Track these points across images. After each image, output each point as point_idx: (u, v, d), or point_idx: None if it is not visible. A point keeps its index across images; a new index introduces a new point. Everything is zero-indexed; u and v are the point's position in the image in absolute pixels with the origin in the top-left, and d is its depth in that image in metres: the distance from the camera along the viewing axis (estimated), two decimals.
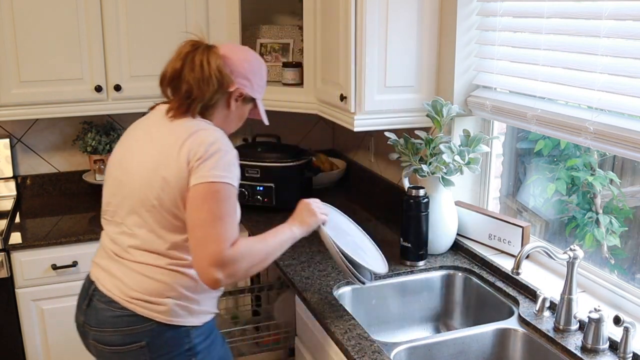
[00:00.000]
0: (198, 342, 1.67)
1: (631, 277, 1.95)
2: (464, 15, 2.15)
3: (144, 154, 1.65)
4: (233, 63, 1.69)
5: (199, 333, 1.67)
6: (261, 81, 1.78)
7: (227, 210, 1.58)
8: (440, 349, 1.72)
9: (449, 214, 2.16)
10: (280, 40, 2.87)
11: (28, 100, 2.56)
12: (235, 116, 1.76)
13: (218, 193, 1.55)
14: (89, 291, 1.73)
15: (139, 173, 1.63)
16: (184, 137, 1.59)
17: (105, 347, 1.67)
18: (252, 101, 1.77)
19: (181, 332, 1.64)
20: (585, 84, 1.72)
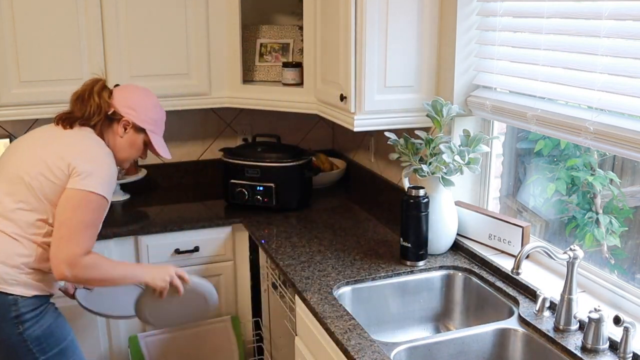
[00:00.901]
0: (25, 312, 1.77)
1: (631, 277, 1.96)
2: (464, 15, 2.15)
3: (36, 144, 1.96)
4: (119, 94, 2.05)
5: (27, 303, 1.80)
6: (151, 113, 2.09)
7: (94, 220, 1.89)
8: (440, 349, 1.72)
9: (449, 214, 2.16)
10: (280, 40, 2.87)
11: (28, 100, 2.55)
12: (126, 142, 2.05)
13: (91, 203, 1.86)
14: None
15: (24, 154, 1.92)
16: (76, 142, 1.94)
17: None
18: (143, 132, 2.07)
19: (9, 299, 1.77)
20: (585, 84, 1.72)
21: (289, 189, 2.71)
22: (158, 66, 2.69)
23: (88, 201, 1.85)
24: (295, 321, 2.10)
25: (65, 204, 1.85)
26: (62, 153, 1.88)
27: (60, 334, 1.88)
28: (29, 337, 1.80)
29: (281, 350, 2.58)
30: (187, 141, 3.16)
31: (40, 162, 1.87)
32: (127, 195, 2.92)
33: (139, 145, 2.09)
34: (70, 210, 1.84)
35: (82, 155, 1.90)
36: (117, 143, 2.04)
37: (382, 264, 2.14)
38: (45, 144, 1.95)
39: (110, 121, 2.02)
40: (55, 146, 1.92)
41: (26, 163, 1.89)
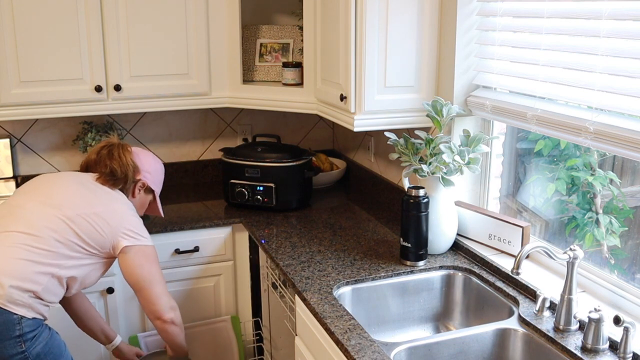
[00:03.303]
0: (27, 331, 1.82)
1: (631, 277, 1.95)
2: (464, 15, 2.15)
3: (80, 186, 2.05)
4: (139, 159, 2.21)
5: (28, 324, 1.83)
6: (159, 177, 2.30)
7: (158, 272, 2.09)
8: (440, 349, 1.72)
9: (449, 214, 2.16)
10: (280, 40, 2.87)
11: (28, 100, 2.55)
12: (139, 203, 2.23)
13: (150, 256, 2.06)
14: None
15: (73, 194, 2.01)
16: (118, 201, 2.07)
17: None
18: (151, 192, 2.26)
19: (14, 318, 1.80)
20: (585, 84, 1.72)
21: (289, 189, 2.71)
22: (158, 66, 2.69)
23: (146, 255, 2.04)
24: (295, 321, 2.10)
25: (135, 263, 2.01)
26: (111, 212, 2.00)
27: (58, 350, 1.93)
28: (30, 355, 1.84)
29: (281, 350, 2.58)
30: (187, 141, 3.16)
31: (87, 206, 1.97)
32: None
33: (146, 204, 2.27)
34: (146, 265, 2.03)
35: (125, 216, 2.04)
36: (132, 203, 2.16)
37: (382, 264, 2.14)
38: (94, 192, 2.05)
39: (131, 185, 2.18)
40: (106, 201, 2.04)
41: (73, 201, 1.97)
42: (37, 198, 1.99)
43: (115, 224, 1.98)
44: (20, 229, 1.88)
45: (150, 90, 2.70)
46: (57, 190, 2.02)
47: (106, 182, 2.08)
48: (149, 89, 2.70)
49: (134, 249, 2.00)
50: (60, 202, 1.96)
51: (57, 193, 2.00)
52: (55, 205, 1.94)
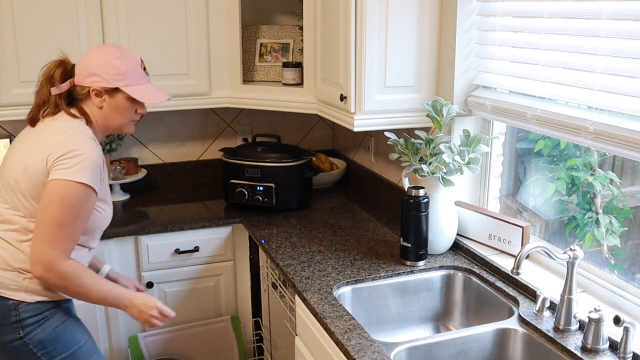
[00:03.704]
0: (25, 317, 1.73)
1: (631, 277, 1.95)
2: (464, 15, 2.15)
3: (18, 146, 1.88)
4: (78, 67, 1.87)
5: (28, 309, 1.74)
6: (113, 69, 1.85)
7: (75, 216, 1.74)
8: (440, 349, 1.72)
9: (448, 214, 2.16)
10: (280, 40, 2.87)
11: (28, 100, 2.53)
12: (110, 110, 1.88)
13: (71, 194, 1.72)
14: None
15: (8, 158, 1.86)
16: (51, 132, 1.81)
17: None
18: (117, 91, 1.86)
19: (9, 304, 1.73)
20: (585, 84, 1.72)
21: (289, 189, 2.71)
22: (158, 66, 2.68)
23: (66, 194, 1.71)
24: (295, 321, 2.10)
25: (44, 199, 1.73)
26: (40, 147, 1.78)
27: (70, 338, 1.82)
28: (31, 341, 1.75)
29: (281, 350, 2.58)
30: (187, 141, 3.16)
31: (20, 164, 1.80)
32: (127, 195, 2.92)
33: (125, 105, 1.89)
34: (47, 205, 1.72)
35: (59, 144, 1.76)
36: (103, 114, 1.88)
37: (382, 264, 2.14)
38: (25, 142, 1.87)
39: (84, 97, 1.87)
40: (34, 143, 1.82)
41: (11, 167, 1.82)
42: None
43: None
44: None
45: None
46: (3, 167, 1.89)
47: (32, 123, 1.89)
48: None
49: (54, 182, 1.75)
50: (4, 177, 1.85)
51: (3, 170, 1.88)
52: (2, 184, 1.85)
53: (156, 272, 2.58)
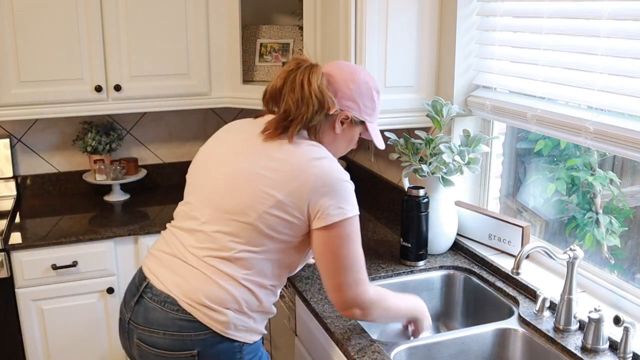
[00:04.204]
0: (248, 359, 1.61)
1: (631, 277, 1.95)
2: (464, 15, 2.15)
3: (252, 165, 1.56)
4: (337, 83, 1.62)
5: (249, 350, 1.60)
6: (370, 103, 1.68)
7: (360, 248, 1.58)
8: (440, 349, 1.72)
9: (448, 214, 2.16)
10: (280, 40, 2.87)
11: (28, 100, 2.56)
12: (343, 139, 1.70)
13: (350, 235, 1.54)
14: (139, 287, 1.61)
15: (244, 184, 1.55)
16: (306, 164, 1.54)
17: (150, 349, 1.56)
18: (361, 124, 1.69)
19: (235, 346, 1.57)
20: (585, 84, 1.72)
21: None
22: (158, 66, 2.69)
23: (347, 232, 1.54)
24: (295, 321, 2.10)
25: (324, 249, 1.55)
26: (298, 184, 1.52)
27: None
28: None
29: (281, 350, 2.57)
30: (187, 141, 3.16)
31: (268, 197, 1.52)
32: (127, 195, 2.92)
33: (356, 139, 1.74)
34: (334, 253, 1.54)
35: (319, 183, 1.52)
36: (335, 141, 1.68)
37: (382, 264, 2.14)
38: (266, 167, 1.55)
39: (326, 116, 1.62)
40: (284, 174, 1.53)
41: (248, 195, 1.54)
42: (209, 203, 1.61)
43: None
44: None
45: (150, 90, 2.70)
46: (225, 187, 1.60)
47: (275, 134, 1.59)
48: (149, 89, 2.70)
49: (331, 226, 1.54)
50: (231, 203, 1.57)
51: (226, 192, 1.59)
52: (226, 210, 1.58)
53: None
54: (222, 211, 1.56)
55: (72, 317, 2.50)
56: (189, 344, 1.53)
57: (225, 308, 1.54)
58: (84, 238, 2.46)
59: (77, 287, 2.49)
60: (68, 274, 2.46)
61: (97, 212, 2.75)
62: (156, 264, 1.63)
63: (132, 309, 1.61)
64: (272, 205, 1.52)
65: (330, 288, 1.59)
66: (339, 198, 1.53)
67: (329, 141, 1.66)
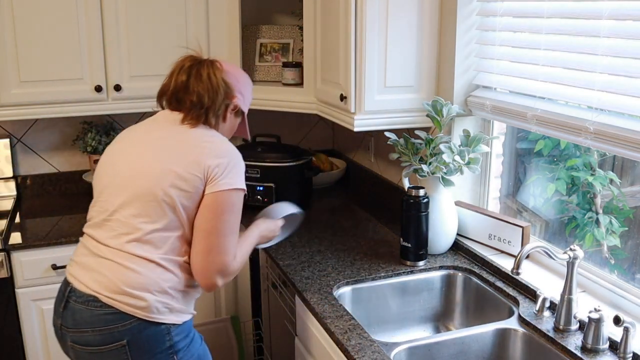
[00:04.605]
0: (178, 340, 1.67)
1: (631, 277, 1.95)
2: (464, 15, 2.15)
3: (157, 151, 1.70)
4: (232, 75, 1.81)
5: (178, 331, 1.68)
6: (250, 96, 1.91)
7: (238, 222, 1.71)
8: (440, 349, 1.72)
9: (449, 214, 2.16)
10: (280, 40, 2.87)
11: (28, 100, 2.56)
12: (228, 128, 1.87)
13: (234, 205, 1.68)
14: (65, 293, 1.70)
15: (149, 166, 1.67)
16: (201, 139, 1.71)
17: (84, 348, 1.65)
18: (241, 115, 1.89)
19: (161, 329, 1.64)
20: (585, 84, 1.72)
21: (289, 189, 2.70)
22: (158, 66, 2.68)
23: (232, 202, 1.68)
24: (295, 321, 2.10)
25: (208, 212, 1.66)
26: (194, 156, 1.66)
27: (204, 354, 1.79)
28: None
29: (281, 350, 2.57)
30: None
31: (169, 173, 1.65)
32: None
33: (234, 129, 1.91)
34: (216, 216, 1.66)
35: (214, 153, 1.68)
36: (223, 128, 1.83)
37: (382, 264, 2.14)
38: (167, 147, 1.70)
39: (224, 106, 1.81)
40: (182, 149, 1.69)
41: (152, 175, 1.66)
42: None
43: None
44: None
45: (150, 90, 2.68)
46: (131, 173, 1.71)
47: (196, 122, 1.74)
48: (149, 89, 2.68)
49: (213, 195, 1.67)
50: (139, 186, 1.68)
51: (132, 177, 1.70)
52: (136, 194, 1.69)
53: None
54: (130, 196, 1.67)
55: None
56: (117, 335, 1.61)
57: (144, 291, 1.62)
58: None
59: None
60: None
61: None
62: (76, 268, 1.72)
63: (62, 315, 1.69)
64: (174, 179, 1.64)
65: (199, 250, 1.66)
66: (232, 171, 1.68)
67: (220, 128, 1.82)
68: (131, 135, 1.82)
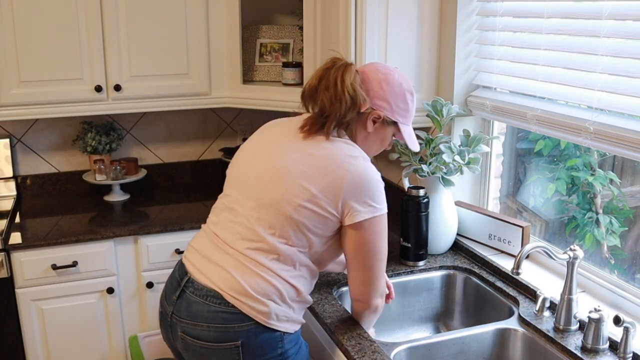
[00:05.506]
0: (289, 348, 1.63)
1: (631, 277, 1.95)
2: (464, 15, 2.15)
3: (293, 159, 1.61)
4: (370, 82, 1.66)
5: (290, 339, 1.64)
6: (403, 104, 1.69)
7: (386, 243, 1.66)
8: (440, 349, 1.72)
9: (449, 214, 2.16)
10: (280, 40, 2.87)
11: (28, 100, 2.55)
12: (375, 139, 1.72)
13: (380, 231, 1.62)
14: (181, 281, 1.64)
15: (283, 177, 1.60)
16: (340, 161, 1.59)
17: (195, 341, 1.60)
18: (394, 124, 1.71)
19: (276, 336, 1.60)
20: (585, 84, 1.72)
21: None
22: (158, 66, 2.69)
23: (380, 227, 1.61)
24: None
25: (356, 243, 1.61)
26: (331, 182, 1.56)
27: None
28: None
29: None
30: (187, 141, 3.16)
31: (304, 191, 1.57)
32: (127, 195, 2.92)
33: (389, 140, 1.75)
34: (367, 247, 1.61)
35: (353, 181, 1.57)
36: (367, 140, 1.70)
37: None
38: (303, 162, 1.60)
39: (358, 114, 1.66)
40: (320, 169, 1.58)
41: (284, 188, 1.58)
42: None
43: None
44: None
45: (150, 90, 2.71)
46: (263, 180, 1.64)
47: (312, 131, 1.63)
48: (149, 89, 2.70)
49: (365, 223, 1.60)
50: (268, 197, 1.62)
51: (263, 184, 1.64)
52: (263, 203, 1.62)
53: (156, 272, 2.58)
54: (259, 204, 1.61)
55: (72, 317, 2.50)
56: (232, 335, 1.57)
57: (268, 299, 1.57)
58: (84, 238, 2.46)
59: (77, 287, 2.49)
60: (68, 274, 2.46)
61: (97, 212, 2.75)
62: (197, 257, 1.66)
63: (174, 303, 1.64)
64: (307, 199, 1.56)
65: (358, 282, 1.66)
66: (371, 196, 1.58)
67: (361, 140, 1.69)
68: (270, 132, 1.76)
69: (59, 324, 2.49)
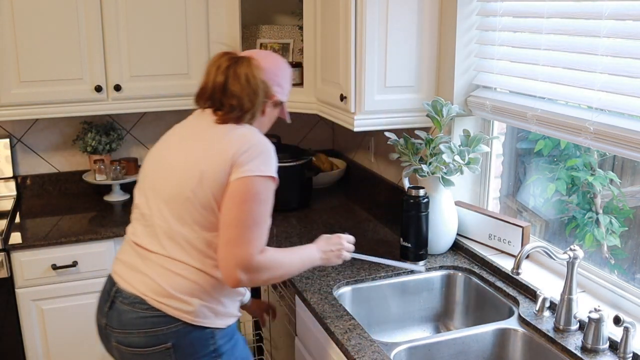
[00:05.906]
0: (222, 344, 1.66)
1: (631, 277, 1.95)
2: (464, 15, 2.15)
3: (186, 151, 1.67)
4: (270, 71, 1.74)
5: (222, 335, 1.66)
6: (289, 85, 1.83)
7: (265, 213, 1.61)
8: (440, 349, 1.72)
9: (449, 214, 2.16)
10: (280, 40, 2.87)
11: (28, 100, 2.55)
12: (268, 120, 1.82)
13: (259, 194, 1.59)
14: (110, 292, 1.69)
15: (177, 167, 1.65)
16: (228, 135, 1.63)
17: (128, 349, 1.64)
18: (280, 104, 1.82)
19: (206, 333, 1.63)
20: (585, 84, 1.72)
21: (288, 189, 2.70)
22: (158, 66, 2.69)
23: (256, 189, 1.57)
24: (295, 321, 2.10)
25: (229, 201, 1.57)
26: (218, 148, 1.61)
27: (247, 357, 1.77)
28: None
29: (281, 350, 2.57)
30: None
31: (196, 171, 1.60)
32: (127, 195, 2.92)
33: (274, 118, 1.85)
34: (236, 206, 1.57)
35: (240, 141, 1.61)
36: (262, 123, 1.78)
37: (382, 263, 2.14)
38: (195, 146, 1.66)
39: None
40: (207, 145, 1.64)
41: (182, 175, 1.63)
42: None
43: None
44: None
45: (150, 90, 2.70)
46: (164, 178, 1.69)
47: (231, 120, 1.68)
48: (149, 89, 2.70)
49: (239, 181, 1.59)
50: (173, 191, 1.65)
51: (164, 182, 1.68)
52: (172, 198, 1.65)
53: None
54: (164, 198, 1.65)
55: (72, 317, 2.50)
56: (162, 338, 1.60)
57: (192, 297, 1.61)
58: (84, 238, 2.46)
59: (77, 287, 2.49)
60: (68, 274, 2.46)
61: (97, 212, 2.75)
62: (122, 268, 1.71)
63: (107, 314, 1.69)
64: (200, 176, 1.59)
65: (220, 242, 1.59)
66: (258, 158, 1.60)
67: (258, 123, 1.76)
68: (168, 137, 1.80)
69: (59, 324, 2.49)
